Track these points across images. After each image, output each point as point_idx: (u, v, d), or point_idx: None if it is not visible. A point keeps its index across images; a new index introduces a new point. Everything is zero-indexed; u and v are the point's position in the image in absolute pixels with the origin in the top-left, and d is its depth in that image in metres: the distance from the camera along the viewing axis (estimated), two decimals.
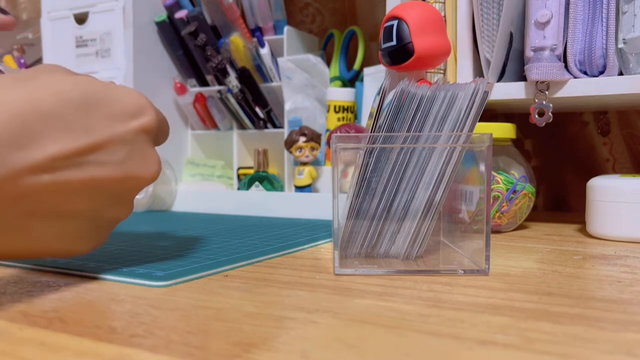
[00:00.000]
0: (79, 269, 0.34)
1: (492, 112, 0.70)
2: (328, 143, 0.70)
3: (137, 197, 0.69)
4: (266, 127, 0.75)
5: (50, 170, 0.26)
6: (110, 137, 0.29)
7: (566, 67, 0.50)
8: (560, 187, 0.76)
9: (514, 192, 0.51)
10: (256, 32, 0.73)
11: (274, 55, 0.73)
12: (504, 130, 0.53)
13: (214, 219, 0.62)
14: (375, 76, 0.68)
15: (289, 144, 0.67)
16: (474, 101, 0.34)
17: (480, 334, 0.22)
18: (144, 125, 0.31)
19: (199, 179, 0.79)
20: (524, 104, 0.55)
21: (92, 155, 0.28)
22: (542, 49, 0.50)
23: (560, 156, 0.75)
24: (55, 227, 0.28)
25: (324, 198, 0.63)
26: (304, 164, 0.68)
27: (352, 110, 0.71)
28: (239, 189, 0.73)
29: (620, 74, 0.49)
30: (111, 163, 0.29)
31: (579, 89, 0.50)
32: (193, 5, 0.76)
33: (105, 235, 0.33)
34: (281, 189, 0.71)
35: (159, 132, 0.33)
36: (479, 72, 0.54)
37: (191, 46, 0.74)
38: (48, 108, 0.27)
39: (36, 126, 0.26)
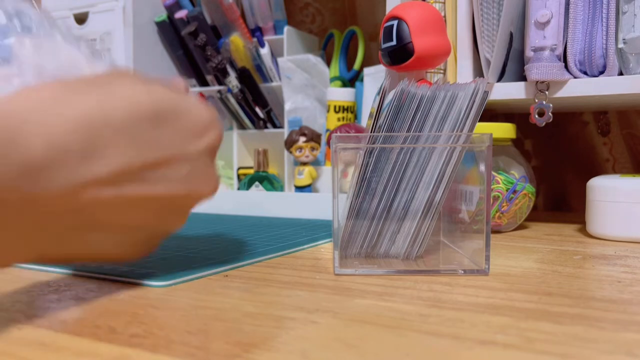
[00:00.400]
0: (78, 269, 0.34)
1: (492, 112, 0.70)
2: (328, 143, 0.70)
3: None
4: (266, 127, 0.75)
5: (113, 184, 0.25)
6: (177, 154, 0.28)
7: (566, 67, 0.50)
8: (560, 187, 0.76)
9: (514, 192, 0.51)
10: (256, 32, 0.73)
11: (274, 55, 0.73)
12: (504, 130, 0.53)
13: (214, 219, 0.62)
14: (375, 76, 0.68)
15: (289, 144, 0.67)
16: (474, 101, 0.34)
17: (480, 334, 0.22)
18: (210, 144, 0.30)
19: None
20: (524, 104, 0.55)
21: (158, 171, 0.27)
22: (542, 49, 0.50)
23: (560, 156, 0.75)
24: (110, 238, 0.28)
25: (324, 198, 0.63)
26: (304, 164, 0.68)
27: (352, 110, 0.71)
28: (239, 189, 0.73)
29: (620, 74, 0.49)
30: (175, 180, 0.28)
31: (579, 89, 0.50)
32: (193, 5, 0.76)
33: (155, 245, 0.32)
34: (281, 189, 0.71)
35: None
36: (479, 72, 0.54)
37: (191, 46, 0.74)
38: (119, 119, 0.25)
39: (104, 137, 0.24)
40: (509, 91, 0.52)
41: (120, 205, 0.26)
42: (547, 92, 0.50)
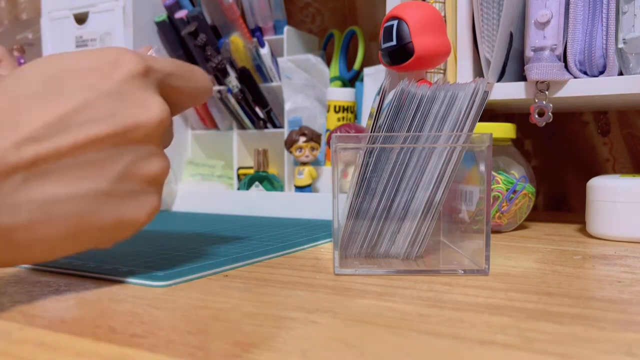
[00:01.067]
0: (78, 269, 0.34)
1: (492, 112, 0.70)
2: (328, 143, 0.70)
3: None
4: (266, 127, 0.75)
5: (41, 139, 0.26)
6: (90, 94, 0.28)
7: (566, 67, 0.50)
8: (560, 187, 0.76)
9: (514, 192, 0.51)
10: (256, 32, 0.73)
11: (274, 55, 0.73)
12: (504, 130, 0.53)
13: (214, 219, 0.62)
14: (375, 76, 0.68)
15: (289, 144, 0.67)
16: (474, 101, 0.34)
17: (480, 334, 0.22)
18: (128, 74, 0.29)
19: (199, 179, 0.79)
20: (524, 104, 0.55)
21: (76, 116, 0.27)
22: (542, 49, 0.50)
23: (560, 156, 0.75)
24: (91, 200, 0.28)
25: (324, 198, 0.63)
26: (304, 164, 0.68)
27: (352, 110, 0.71)
28: (239, 189, 0.73)
29: (620, 74, 0.49)
30: (101, 118, 0.28)
31: (579, 89, 0.50)
32: (193, 5, 0.76)
33: (155, 198, 0.31)
34: (281, 189, 0.71)
35: (165, 77, 0.31)
36: (479, 72, 0.54)
37: (191, 46, 0.74)
38: (11, 87, 0.26)
39: (6, 106, 0.26)
40: (509, 91, 0.52)
41: (59, 158, 0.26)
42: (547, 92, 0.50)
